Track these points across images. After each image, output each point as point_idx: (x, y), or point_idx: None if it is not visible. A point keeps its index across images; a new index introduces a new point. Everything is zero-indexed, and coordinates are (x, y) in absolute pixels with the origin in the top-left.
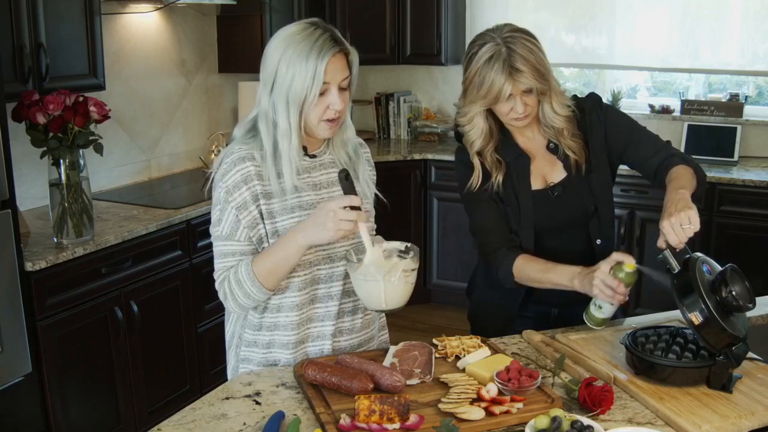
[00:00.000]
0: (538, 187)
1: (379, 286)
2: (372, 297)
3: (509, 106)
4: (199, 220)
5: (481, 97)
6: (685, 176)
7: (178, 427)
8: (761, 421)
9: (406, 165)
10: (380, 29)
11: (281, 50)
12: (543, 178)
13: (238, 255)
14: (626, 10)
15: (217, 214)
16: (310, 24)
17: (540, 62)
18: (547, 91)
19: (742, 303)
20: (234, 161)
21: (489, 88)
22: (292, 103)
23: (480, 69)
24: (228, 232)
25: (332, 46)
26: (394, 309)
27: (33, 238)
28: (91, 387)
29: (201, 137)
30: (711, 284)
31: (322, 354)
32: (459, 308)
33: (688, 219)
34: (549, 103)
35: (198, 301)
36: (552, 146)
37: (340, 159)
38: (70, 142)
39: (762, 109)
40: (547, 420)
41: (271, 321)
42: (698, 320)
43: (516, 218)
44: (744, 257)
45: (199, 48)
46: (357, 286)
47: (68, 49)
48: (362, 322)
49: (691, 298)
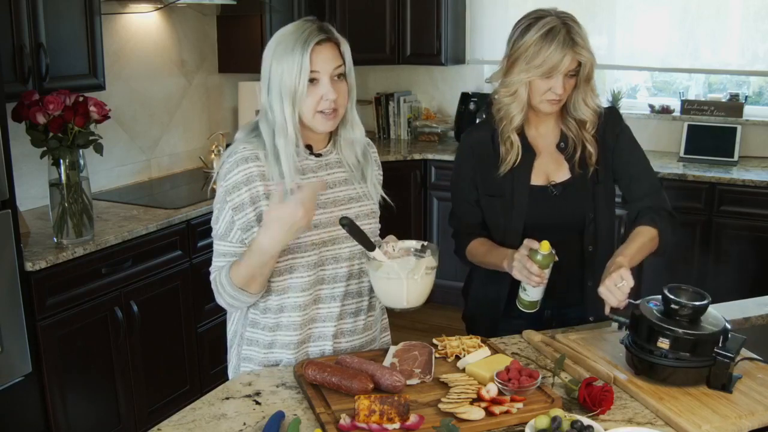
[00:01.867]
0: (539, 183)
1: (402, 285)
2: (393, 295)
3: (549, 86)
4: (199, 220)
5: (535, 67)
6: (640, 239)
7: (178, 427)
8: (761, 421)
9: (406, 165)
10: (380, 29)
11: (273, 49)
12: (546, 176)
13: (229, 256)
14: (626, 10)
15: (216, 212)
16: (303, 21)
17: (585, 41)
18: (591, 78)
19: (697, 304)
20: (237, 161)
21: (546, 58)
22: (285, 96)
23: (538, 40)
24: (222, 232)
25: (317, 35)
26: (414, 308)
27: (33, 238)
28: (91, 387)
29: (201, 137)
30: (665, 312)
31: (323, 355)
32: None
33: (620, 277)
34: (583, 95)
35: (198, 301)
36: (562, 145)
37: (348, 160)
38: (70, 142)
39: (762, 109)
40: (547, 420)
41: (274, 321)
42: (667, 345)
43: (506, 212)
44: (744, 257)
45: (199, 48)
46: (378, 284)
47: (68, 49)
48: (365, 324)
49: (663, 335)
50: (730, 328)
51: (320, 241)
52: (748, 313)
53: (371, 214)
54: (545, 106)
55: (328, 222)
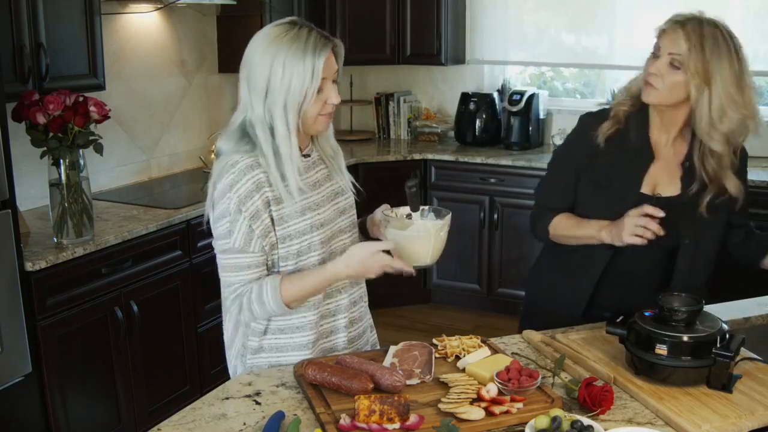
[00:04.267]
0: (643, 191)
1: (429, 242)
2: (420, 252)
3: (651, 63)
4: (199, 220)
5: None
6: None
7: (178, 427)
8: (761, 421)
9: (406, 165)
10: (380, 29)
11: (272, 55)
12: (653, 185)
13: (254, 268)
14: (626, 10)
15: (227, 225)
16: (291, 24)
17: (712, 54)
18: (701, 89)
19: (691, 308)
20: (242, 170)
21: (660, 26)
22: (291, 104)
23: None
24: (241, 245)
25: (326, 43)
26: (430, 265)
27: (33, 238)
28: (91, 387)
29: (201, 137)
30: (660, 318)
31: (336, 348)
32: (459, 308)
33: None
34: (708, 109)
35: (198, 301)
36: (687, 165)
37: (325, 153)
38: (70, 142)
39: (762, 109)
40: (547, 420)
41: (284, 324)
42: (665, 351)
43: (609, 205)
44: None
45: (199, 48)
46: (403, 242)
47: (68, 49)
48: (363, 310)
49: (660, 342)
50: (727, 329)
51: (326, 238)
52: (748, 313)
53: (353, 205)
54: (644, 85)
55: (330, 219)
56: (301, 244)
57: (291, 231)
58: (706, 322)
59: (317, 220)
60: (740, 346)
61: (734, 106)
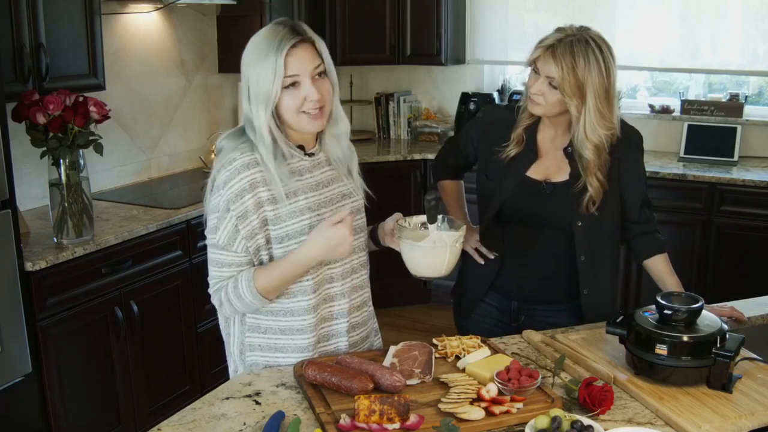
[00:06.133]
0: (534, 177)
1: (445, 253)
2: (435, 264)
3: (533, 80)
4: (199, 220)
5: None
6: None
7: (178, 427)
8: (761, 421)
9: (406, 165)
10: (380, 29)
11: (248, 55)
12: (544, 174)
13: (234, 266)
14: (626, 10)
15: (215, 221)
16: (276, 24)
17: (584, 73)
18: (579, 107)
19: (691, 307)
20: (238, 169)
21: (537, 45)
22: (261, 102)
23: (547, 36)
24: (225, 242)
25: (291, 38)
26: (445, 276)
27: (33, 238)
28: (91, 387)
29: (201, 137)
30: (660, 318)
31: (338, 352)
32: None
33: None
34: (583, 123)
35: (198, 301)
36: (569, 151)
37: (334, 155)
38: (70, 142)
39: (762, 109)
40: (547, 420)
41: (284, 324)
42: (665, 351)
43: (488, 194)
44: (744, 257)
45: (199, 48)
46: (418, 254)
47: (68, 49)
48: (368, 314)
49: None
50: (727, 329)
51: None
52: (747, 313)
53: (361, 209)
54: (530, 103)
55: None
56: (299, 244)
57: (288, 231)
58: (706, 321)
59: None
60: (740, 346)
61: (603, 122)
